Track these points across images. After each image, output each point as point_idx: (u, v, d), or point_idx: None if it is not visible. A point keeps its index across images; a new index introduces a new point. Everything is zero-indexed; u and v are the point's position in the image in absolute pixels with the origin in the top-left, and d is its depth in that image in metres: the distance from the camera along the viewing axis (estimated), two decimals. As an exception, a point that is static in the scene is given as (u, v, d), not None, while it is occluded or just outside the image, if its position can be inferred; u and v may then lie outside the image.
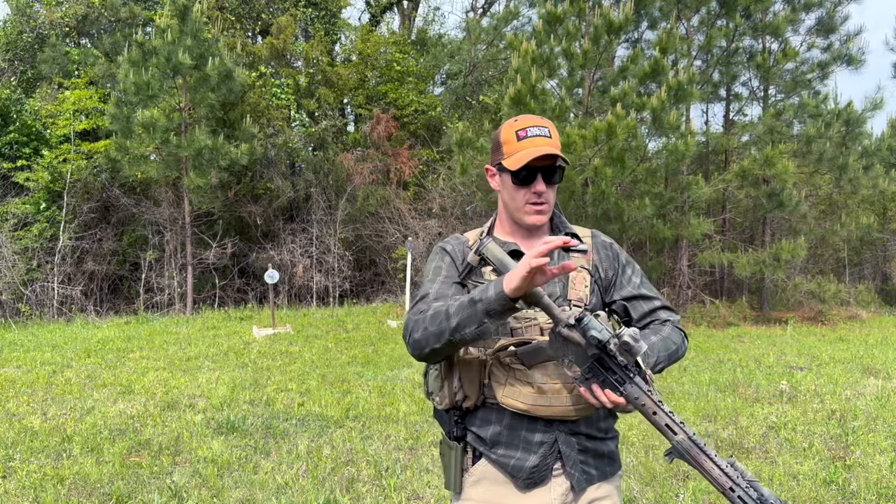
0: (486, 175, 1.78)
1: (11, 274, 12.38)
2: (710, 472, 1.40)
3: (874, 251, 18.28)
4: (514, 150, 1.64)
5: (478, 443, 1.63)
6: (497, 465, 1.60)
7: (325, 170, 15.63)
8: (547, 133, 1.65)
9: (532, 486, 1.58)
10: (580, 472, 1.61)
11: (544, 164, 1.63)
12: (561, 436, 1.59)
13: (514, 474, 1.59)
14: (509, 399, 1.54)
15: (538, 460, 1.58)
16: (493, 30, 16.82)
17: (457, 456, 1.64)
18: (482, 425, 1.62)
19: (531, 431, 1.59)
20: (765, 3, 12.80)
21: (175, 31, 12.50)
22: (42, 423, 5.31)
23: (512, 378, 1.54)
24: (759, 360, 8.44)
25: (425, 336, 1.52)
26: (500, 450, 1.60)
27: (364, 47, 16.94)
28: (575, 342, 1.45)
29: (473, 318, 1.44)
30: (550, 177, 1.65)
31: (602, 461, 1.67)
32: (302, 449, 4.72)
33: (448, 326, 1.47)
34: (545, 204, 1.67)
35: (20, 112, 13.93)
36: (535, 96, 10.89)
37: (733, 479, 1.38)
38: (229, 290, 14.62)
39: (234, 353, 8.60)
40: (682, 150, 11.09)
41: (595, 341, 1.41)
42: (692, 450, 1.42)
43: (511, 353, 1.55)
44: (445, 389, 1.63)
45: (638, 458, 4.55)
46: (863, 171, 13.42)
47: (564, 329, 1.47)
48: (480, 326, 1.44)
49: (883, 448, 4.75)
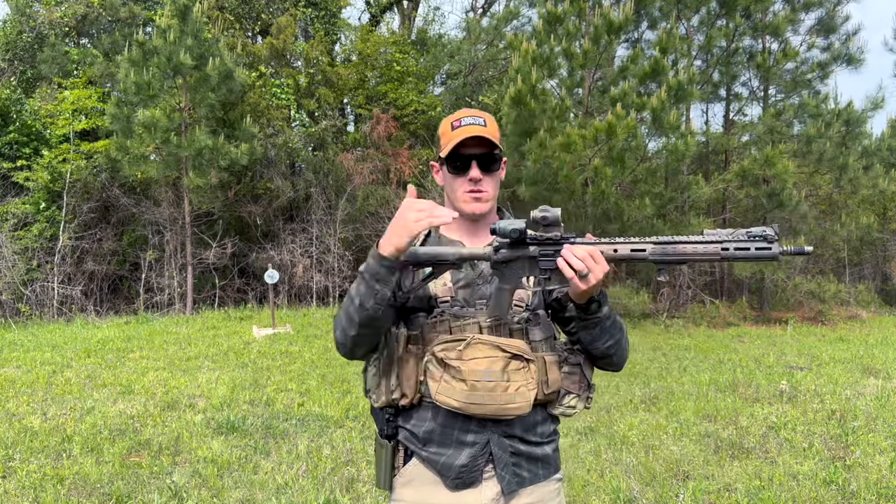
0: (433, 173, 1.76)
1: (11, 274, 12.38)
2: (695, 253, 1.42)
3: (874, 251, 18.27)
4: (448, 140, 1.64)
5: (410, 441, 1.62)
6: (427, 463, 1.59)
7: (325, 170, 15.63)
8: (482, 122, 1.64)
9: (461, 486, 1.57)
10: (511, 474, 1.59)
11: (480, 150, 1.62)
12: (494, 437, 1.58)
13: (444, 473, 1.57)
14: (443, 396, 1.52)
15: (467, 459, 1.56)
16: (493, 30, 16.83)
17: (387, 454, 1.63)
18: (417, 423, 1.61)
19: (464, 431, 1.57)
20: (765, 3, 12.80)
21: (176, 31, 12.49)
22: (42, 423, 5.30)
23: (447, 375, 1.52)
24: (759, 360, 8.44)
25: (341, 329, 1.55)
26: (432, 448, 1.58)
27: (364, 47, 16.93)
28: (511, 259, 1.50)
29: (367, 289, 1.48)
30: (487, 165, 1.64)
31: (535, 465, 1.63)
32: (302, 449, 4.72)
33: (352, 307, 1.51)
34: (483, 192, 1.65)
35: (20, 112, 13.93)
36: (535, 96, 10.89)
37: (717, 240, 1.40)
38: (229, 290, 14.61)
39: (234, 353, 8.60)
40: (682, 150, 11.09)
41: (517, 233, 1.47)
42: (667, 249, 1.44)
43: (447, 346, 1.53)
44: (383, 387, 1.61)
45: (638, 458, 4.55)
46: (863, 170, 13.42)
47: (495, 255, 1.52)
48: (376, 294, 1.47)
49: (883, 448, 4.75)
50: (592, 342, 1.61)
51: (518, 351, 1.52)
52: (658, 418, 5.58)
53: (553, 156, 10.79)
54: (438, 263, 1.54)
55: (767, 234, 1.36)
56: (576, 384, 1.64)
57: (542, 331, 1.61)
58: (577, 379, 1.64)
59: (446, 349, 1.52)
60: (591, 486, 4.04)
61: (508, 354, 1.52)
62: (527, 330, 1.59)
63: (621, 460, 4.51)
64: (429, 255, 1.54)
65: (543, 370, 1.58)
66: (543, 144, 10.73)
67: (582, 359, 1.66)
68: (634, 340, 10.26)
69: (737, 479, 4.16)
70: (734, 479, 4.17)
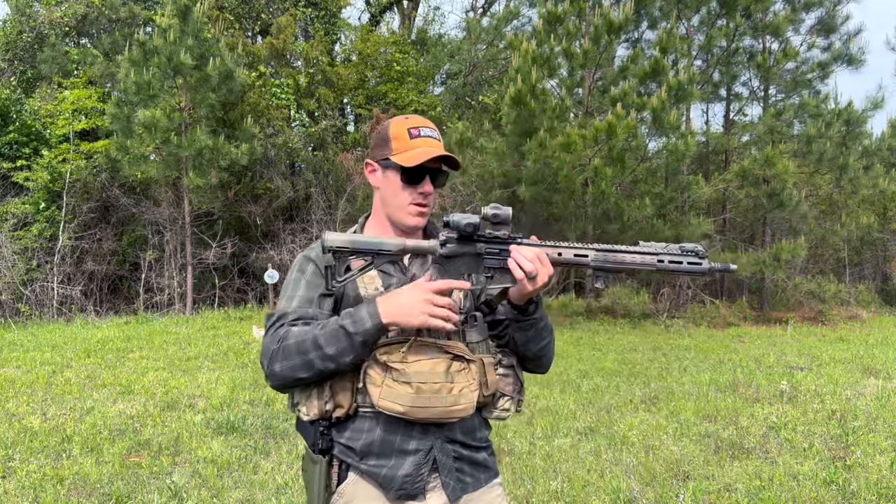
0: (366, 170, 1.71)
1: (11, 274, 12.38)
2: (633, 263, 1.46)
3: (874, 251, 18.28)
4: (407, 148, 1.60)
5: (346, 455, 1.54)
6: (367, 476, 1.53)
7: (324, 170, 15.63)
8: (438, 136, 1.65)
9: (405, 498, 1.52)
10: (455, 480, 1.56)
11: (433, 165, 1.62)
12: (437, 443, 1.54)
13: (386, 485, 1.52)
14: (386, 402, 1.46)
15: (412, 469, 1.52)
16: (493, 30, 16.83)
17: (321, 471, 1.54)
18: (353, 436, 1.54)
19: (406, 437, 1.52)
20: (765, 3, 12.80)
21: (176, 31, 12.49)
22: (42, 423, 5.30)
23: (389, 378, 1.46)
24: (760, 361, 8.44)
25: (291, 367, 1.46)
26: (372, 460, 1.52)
27: (364, 47, 16.93)
28: (457, 254, 1.50)
29: (350, 349, 1.44)
30: (437, 180, 1.64)
31: (477, 469, 1.62)
32: (302, 449, 4.71)
33: (320, 355, 1.44)
34: (428, 206, 1.64)
35: (20, 112, 13.93)
36: (535, 96, 10.89)
37: (653, 251, 1.45)
38: (229, 290, 14.61)
39: (233, 353, 8.60)
40: (683, 150, 11.09)
41: (471, 227, 1.47)
42: (608, 256, 1.47)
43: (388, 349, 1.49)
44: (314, 399, 1.52)
45: (638, 458, 4.54)
46: (863, 170, 13.42)
47: (441, 249, 1.51)
48: (356, 355, 1.45)
49: (883, 448, 4.74)
50: (526, 344, 1.61)
51: (459, 352, 1.51)
52: (658, 418, 5.58)
53: (553, 156, 10.79)
54: (380, 253, 1.52)
55: (698, 250, 1.46)
56: (510, 386, 1.63)
57: (479, 333, 1.59)
58: (511, 381, 1.63)
59: (388, 352, 1.48)
60: (591, 486, 4.04)
61: (450, 355, 1.50)
62: (463, 332, 1.57)
63: (621, 460, 4.51)
64: (371, 244, 1.51)
65: (482, 371, 1.56)
66: (543, 144, 10.73)
67: (515, 360, 1.65)
68: (634, 340, 10.26)
69: (737, 480, 4.15)
70: (734, 479, 4.17)
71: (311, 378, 1.48)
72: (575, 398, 6.26)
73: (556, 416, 5.55)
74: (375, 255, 1.52)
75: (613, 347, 9.45)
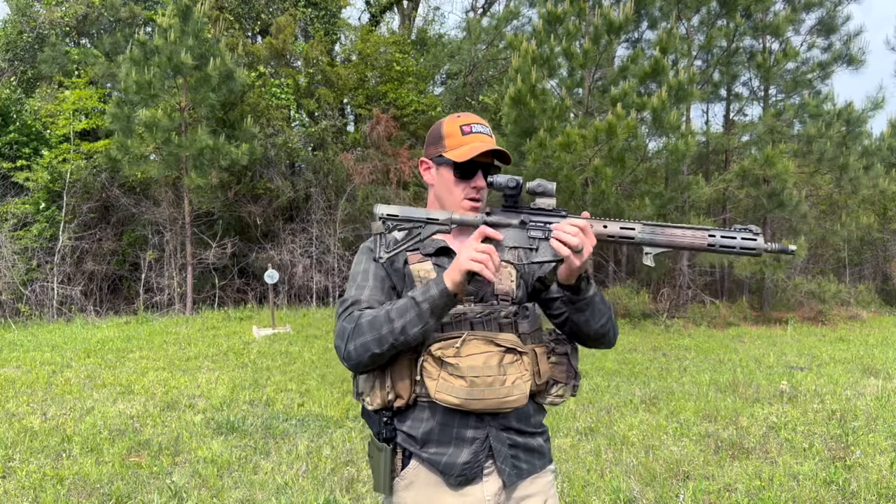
0: (420, 168, 1.76)
1: (11, 274, 12.38)
2: (683, 237, 1.45)
3: (874, 251, 18.28)
4: (459, 144, 1.65)
5: (408, 443, 1.61)
6: (428, 464, 1.59)
7: (324, 170, 15.63)
8: (489, 132, 1.69)
9: (464, 483, 1.58)
10: (511, 466, 1.61)
11: (485, 160, 1.66)
12: (492, 431, 1.59)
13: (446, 472, 1.58)
14: (442, 394, 1.52)
15: (470, 456, 1.57)
16: (493, 30, 16.83)
17: (386, 458, 1.61)
18: (413, 424, 1.60)
19: (463, 427, 1.58)
20: (765, 3, 12.80)
21: (177, 31, 12.50)
22: (42, 423, 5.30)
23: (444, 372, 1.52)
24: (760, 361, 8.44)
25: (364, 343, 1.51)
26: (432, 448, 1.58)
27: (364, 47, 16.93)
28: (501, 224, 1.53)
29: (419, 318, 1.48)
30: (489, 174, 1.66)
31: (532, 455, 1.66)
32: (302, 449, 4.71)
33: (391, 329, 1.49)
34: (481, 201, 1.68)
35: (20, 112, 13.93)
36: (535, 96, 10.89)
37: (706, 227, 1.44)
38: (229, 290, 14.61)
39: (233, 353, 8.60)
40: (683, 150, 11.08)
41: (514, 183, 1.49)
42: (656, 231, 1.46)
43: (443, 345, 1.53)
44: (377, 389, 1.60)
45: (638, 458, 4.54)
46: (863, 170, 13.42)
47: (486, 218, 1.53)
48: (426, 325, 1.48)
49: (883, 448, 4.75)
50: (587, 323, 1.62)
51: (511, 344, 1.55)
52: (658, 418, 5.58)
53: (553, 156, 10.79)
54: (429, 222, 1.55)
55: (753, 228, 1.42)
56: (563, 373, 1.67)
57: (531, 323, 1.63)
58: (564, 368, 1.67)
59: (442, 347, 1.53)
60: (591, 486, 4.03)
61: (503, 348, 1.54)
62: (516, 323, 1.61)
63: (621, 460, 4.51)
64: (420, 213, 1.56)
65: (535, 361, 1.60)
66: (543, 144, 10.73)
67: (569, 348, 1.69)
68: (634, 340, 10.26)
69: (737, 480, 4.15)
70: (734, 479, 4.17)
71: (384, 353, 1.51)
72: (575, 398, 6.26)
73: (556, 416, 5.55)
74: (425, 223, 1.56)
75: (613, 347, 9.44)
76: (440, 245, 1.67)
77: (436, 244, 1.67)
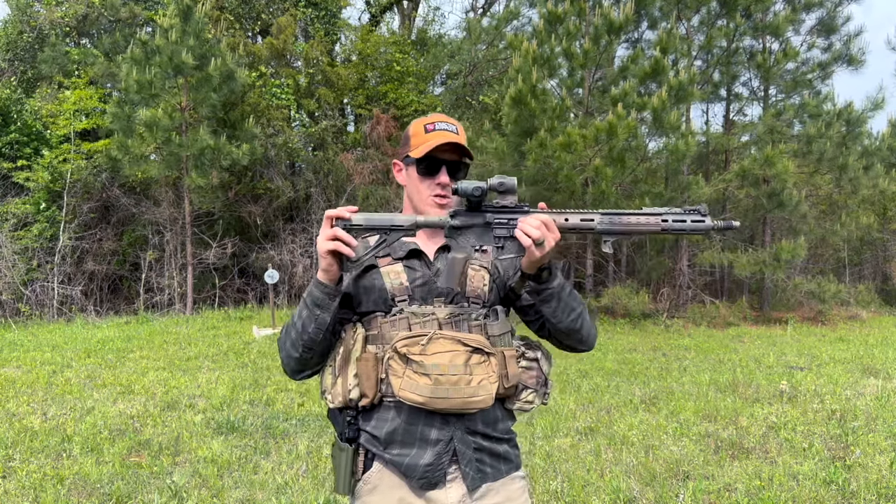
0: (394, 170, 1.78)
1: (11, 274, 12.38)
2: (638, 224, 1.48)
3: (874, 251, 18.29)
4: (422, 142, 1.66)
5: (372, 443, 1.60)
6: (391, 465, 1.58)
7: (325, 170, 15.63)
8: (454, 129, 1.68)
9: (427, 487, 1.56)
10: (474, 470, 1.59)
11: (450, 157, 1.66)
12: (458, 433, 1.58)
13: (408, 474, 1.56)
14: (407, 392, 1.51)
15: (433, 458, 1.56)
16: (493, 30, 16.83)
17: (348, 458, 1.60)
18: (378, 424, 1.59)
19: (428, 427, 1.56)
20: (765, 3, 12.81)
21: (178, 31, 12.50)
22: (42, 423, 5.31)
23: (409, 370, 1.52)
24: (759, 360, 8.44)
25: (286, 350, 1.60)
26: (395, 449, 1.57)
27: (364, 47, 16.94)
28: (467, 225, 1.54)
29: (309, 313, 1.55)
30: (455, 172, 1.67)
31: (497, 460, 1.64)
32: (302, 449, 4.72)
33: (297, 330, 1.57)
34: (448, 198, 1.67)
35: (20, 112, 13.93)
36: (535, 96, 10.90)
37: (657, 212, 1.48)
38: (229, 290, 14.62)
39: (233, 353, 8.60)
40: (683, 150, 11.09)
41: (479, 191, 1.51)
42: (613, 219, 1.50)
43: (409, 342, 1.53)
44: (339, 386, 1.59)
45: (638, 458, 4.55)
46: (863, 170, 13.42)
47: (451, 221, 1.55)
48: (317, 318, 1.54)
49: (883, 448, 4.75)
50: (555, 315, 1.62)
51: (478, 345, 1.54)
52: (658, 418, 5.58)
53: (553, 156, 10.79)
54: (393, 229, 1.57)
55: (701, 208, 1.49)
56: (533, 379, 1.66)
57: (500, 326, 1.62)
58: (534, 374, 1.66)
59: (408, 345, 1.53)
60: (591, 486, 4.04)
61: (469, 348, 1.53)
62: (485, 325, 1.60)
63: (621, 460, 4.51)
64: (383, 220, 1.57)
65: (503, 364, 1.59)
66: (544, 144, 10.73)
67: (540, 354, 1.68)
68: (634, 340, 10.26)
69: (737, 479, 4.16)
70: (734, 479, 4.17)
71: (301, 355, 1.59)
72: (575, 398, 6.26)
73: (556, 416, 5.55)
74: (388, 230, 1.57)
75: (613, 347, 9.45)
76: (411, 248, 1.67)
77: (406, 247, 1.67)
